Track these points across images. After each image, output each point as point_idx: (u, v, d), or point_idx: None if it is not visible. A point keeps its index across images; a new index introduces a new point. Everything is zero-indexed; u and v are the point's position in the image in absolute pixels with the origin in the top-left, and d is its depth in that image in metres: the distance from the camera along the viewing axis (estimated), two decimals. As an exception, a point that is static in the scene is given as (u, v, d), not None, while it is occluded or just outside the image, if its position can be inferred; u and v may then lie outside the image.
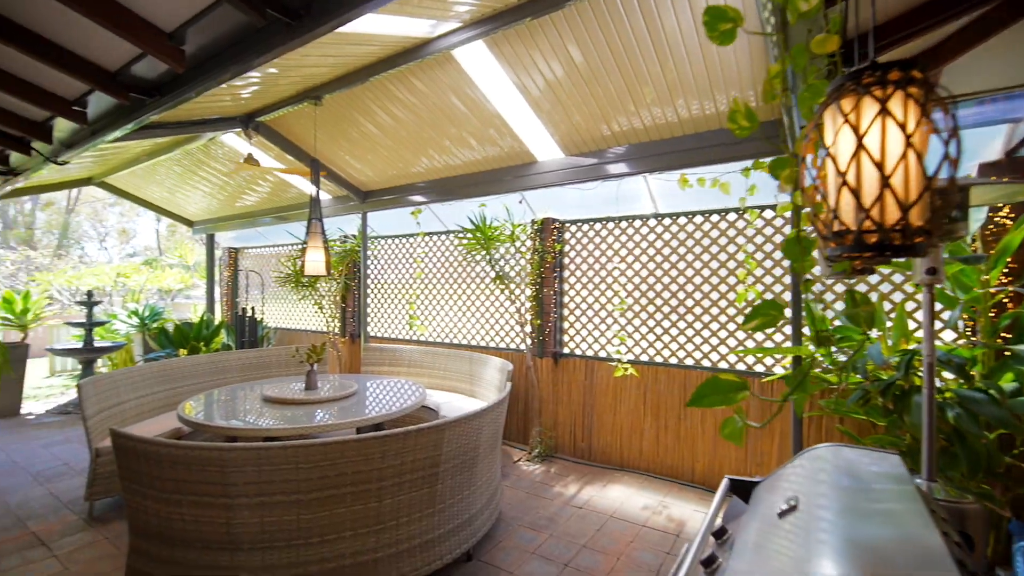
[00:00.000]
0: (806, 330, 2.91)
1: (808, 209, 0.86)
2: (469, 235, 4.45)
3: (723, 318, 3.60)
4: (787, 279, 3.35)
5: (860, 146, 0.68)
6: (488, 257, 4.41)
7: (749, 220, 3.43)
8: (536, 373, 4.37)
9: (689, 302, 3.74)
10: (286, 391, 3.36)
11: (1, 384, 5.26)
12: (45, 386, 7.24)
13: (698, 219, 3.71)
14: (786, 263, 3.34)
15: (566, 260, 4.35)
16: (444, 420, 2.30)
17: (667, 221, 3.85)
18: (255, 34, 1.69)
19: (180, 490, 1.98)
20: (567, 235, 4.34)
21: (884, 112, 0.66)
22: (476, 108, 3.58)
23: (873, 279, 3.10)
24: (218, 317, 7.59)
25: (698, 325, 3.70)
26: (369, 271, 5.86)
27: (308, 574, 2.05)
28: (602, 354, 4.14)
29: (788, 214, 3.14)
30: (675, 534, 2.91)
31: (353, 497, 2.10)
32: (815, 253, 1.69)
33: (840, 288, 3.15)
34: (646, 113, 3.22)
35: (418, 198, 4.85)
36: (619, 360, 3.88)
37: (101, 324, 6.04)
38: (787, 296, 3.35)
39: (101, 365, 6.81)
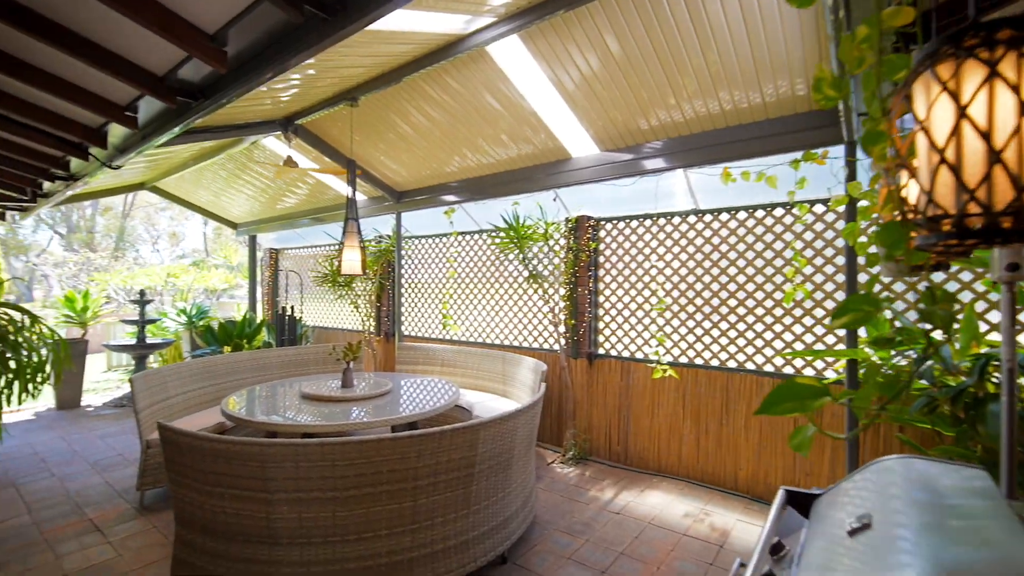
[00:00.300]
0: (862, 331, 2.73)
1: (896, 189, 0.77)
2: (502, 234, 4.42)
3: (769, 319, 3.43)
4: (840, 277, 3.15)
5: (963, 116, 0.59)
6: (521, 256, 4.37)
7: (798, 215, 3.26)
8: (570, 374, 4.29)
9: (732, 302, 3.58)
10: (324, 388, 3.41)
11: (63, 378, 5.58)
12: (103, 380, 7.66)
13: (741, 215, 3.55)
14: (839, 260, 3.14)
15: (601, 259, 4.25)
16: (479, 420, 2.27)
17: (708, 217, 3.70)
18: (293, 32, 1.71)
19: (222, 483, 2.02)
20: (602, 233, 4.24)
21: (993, 77, 0.57)
22: (510, 105, 3.54)
23: (935, 277, 2.88)
24: (259, 316, 7.84)
25: (741, 326, 3.54)
26: (403, 271, 5.92)
27: (345, 571, 2.06)
28: (639, 355, 4.02)
29: (842, 208, 2.95)
30: (718, 544, 2.78)
31: (388, 496, 2.09)
32: (880, 248, 1.56)
33: (899, 287, 2.94)
34: (687, 105, 3.10)
35: (451, 197, 4.85)
36: (657, 361, 3.76)
37: (152, 322, 6.34)
38: (840, 295, 3.16)
39: (152, 361, 7.15)
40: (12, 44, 2.00)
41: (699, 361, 3.73)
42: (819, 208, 3.23)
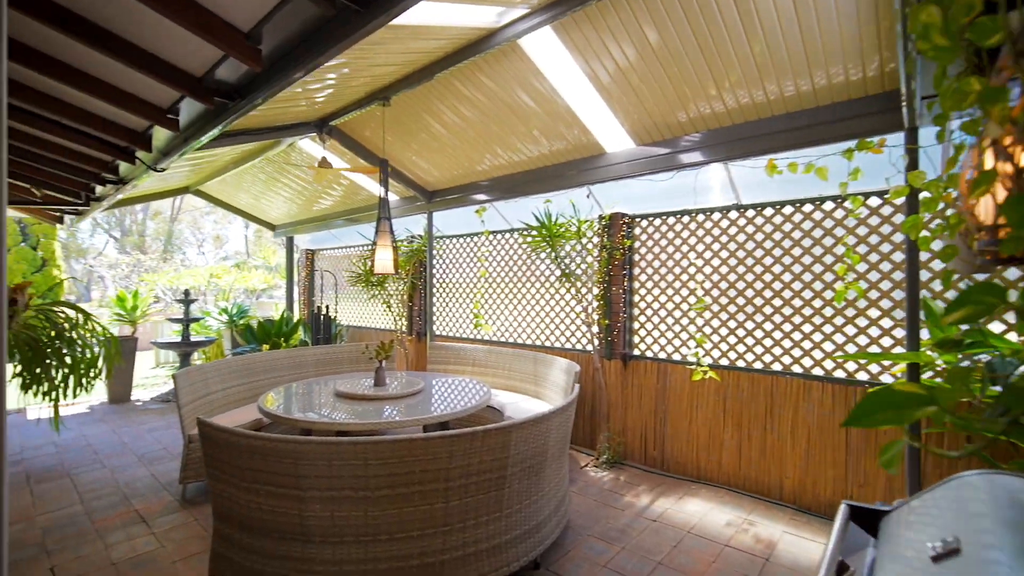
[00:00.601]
0: (924, 333, 2.52)
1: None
2: (534, 232, 4.35)
3: (817, 319, 3.24)
4: (897, 275, 2.94)
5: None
6: (553, 255, 4.29)
7: (851, 209, 3.05)
8: (604, 375, 4.18)
9: (777, 301, 3.40)
10: (357, 387, 3.42)
11: (115, 373, 5.86)
12: (151, 376, 8.01)
13: (787, 209, 3.37)
14: (897, 256, 2.93)
15: (636, 257, 4.13)
16: (512, 422, 2.21)
17: (750, 213, 3.53)
18: (326, 25, 1.70)
19: (258, 480, 2.03)
20: (637, 230, 4.12)
21: None
22: (544, 100, 3.47)
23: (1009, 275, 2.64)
24: (296, 315, 8.04)
25: (787, 327, 3.35)
26: (435, 270, 5.93)
27: (377, 571, 2.03)
28: (676, 357, 3.88)
29: (901, 200, 2.74)
30: (763, 557, 2.63)
31: (420, 497, 2.05)
32: (958, 240, 1.41)
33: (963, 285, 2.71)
34: (729, 95, 2.95)
35: (482, 196, 4.82)
36: (697, 363, 3.60)
37: (196, 320, 6.58)
38: (897, 294, 2.95)
39: (196, 358, 7.43)
40: (64, 51, 2.08)
41: (741, 364, 3.56)
42: (874, 201, 3.02)
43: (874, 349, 3.04)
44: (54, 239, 9.97)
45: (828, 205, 3.20)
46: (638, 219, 4.11)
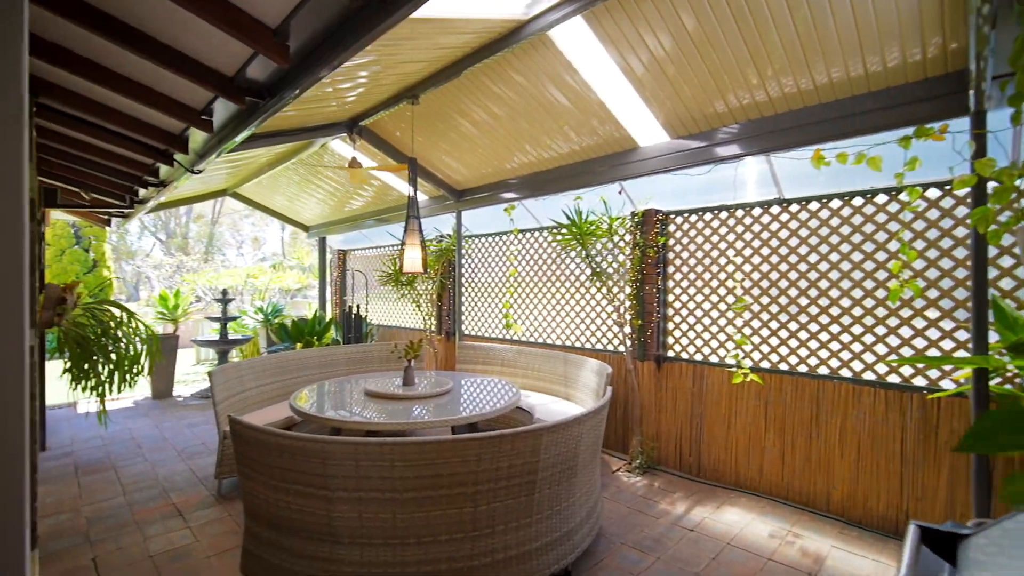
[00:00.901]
0: (992, 336, 2.31)
1: None
2: (564, 230, 4.26)
3: (869, 320, 3.03)
4: (959, 272, 2.71)
5: None
6: (584, 253, 4.19)
7: (907, 201, 2.84)
8: (636, 377, 4.05)
9: (823, 301, 3.20)
10: (386, 386, 3.42)
11: (157, 370, 6.09)
12: (192, 372, 8.31)
13: (835, 203, 3.17)
14: (960, 252, 2.71)
15: (670, 255, 3.98)
16: (542, 425, 2.13)
17: (794, 207, 3.34)
18: (353, 17, 1.66)
19: (286, 479, 2.02)
20: (671, 227, 3.97)
21: None
22: (575, 96, 3.38)
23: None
24: (328, 314, 8.18)
25: (835, 328, 3.15)
26: (463, 269, 5.91)
27: (405, 575, 2.00)
28: (713, 359, 3.71)
29: (965, 191, 2.53)
30: (811, 573, 2.46)
31: (448, 500, 2.00)
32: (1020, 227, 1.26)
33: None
34: (772, 83, 2.79)
35: (510, 195, 4.76)
36: (737, 365, 3.43)
37: (233, 319, 6.77)
38: (960, 293, 2.72)
39: (234, 355, 7.65)
40: (100, 54, 2.13)
41: (784, 367, 3.37)
42: (933, 192, 2.80)
43: (933, 352, 2.82)
44: (104, 241, 10.48)
45: (881, 198, 2.99)
46: (672, 215, 3.96)
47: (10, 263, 0.84)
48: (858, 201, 3.07)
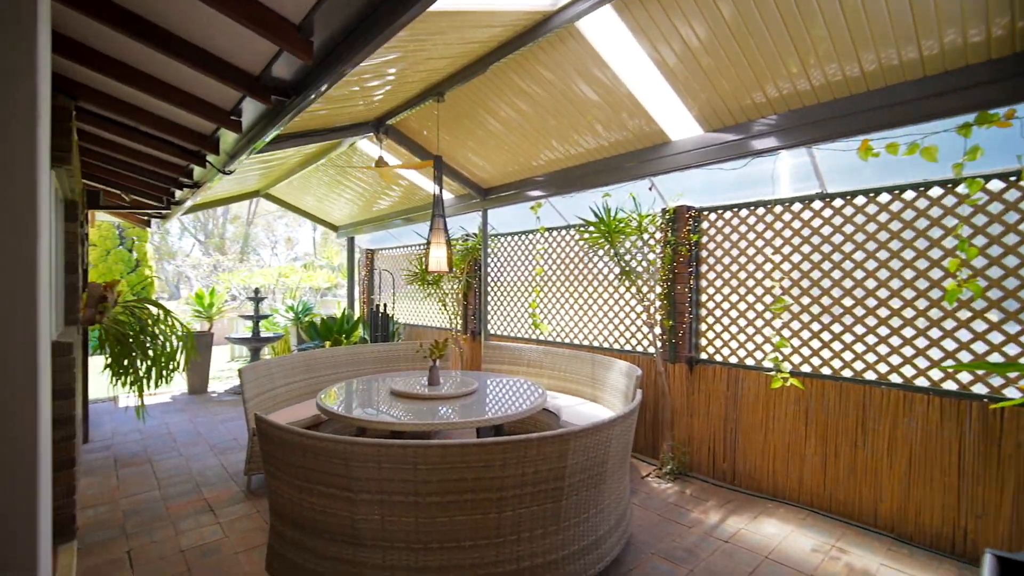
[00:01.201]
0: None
1: None
2: (591, 228, 4.16)
3: (921, 322, 2.82)
4: (1026, 271, 2.50)
5: None
6: (612, 252, 4.07)
7: (965, 194, 2.63)
8: (667, 380, 3.91)
9: (871, 301, 3.01)
10: (411, 386, 3.40)
11: (193, 366, 6.28)
12: (227, 369, 8.55)
13: (883, 197, 2.97)
14: (1027, 249, 2.49)
15: (703, 253, 3.83)
16: (569, 429, 2.05)
17: (838, 202, 3.15)
18: (375, 10, 1.63)
19: (310, 479, 2.01)
20: (704, 224, 3.82)
21: None
22: (605, 90, 3.28)
23: None
24: (357, 313, 8.28)
25: (883, 330, 2.96)
26: (489, 269, 5.87)
27: (427, 580, 1.95)
28: (749, 362, 3.55)
29: (1035, 182, 2.32)
30: (858, 593, 2.30)
31: (472, 505, 1.95)
32: None
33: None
34: (815, 71, 2.63)
35: (537, 192, 4.68)
36: (776, 369, 3.26)
37: (265, 317, 6.92)
38: (1027, 294, 2.50)
39: (266, 353, 7.82)
40: (133, 56, 2.16)
41: (826, 371, 3.19)
42: (996, 184, 2.58)
43: (995, 358, 2.60)
44: (146, 241, 10.91)
45: (935, 191, 2.78)
46: (706, 212, 3.81)
47: (25, 263, 0.82)
48: (910, 195, 2.87)
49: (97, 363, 5.23)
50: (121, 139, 3.24)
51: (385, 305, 6.88)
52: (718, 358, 3.73)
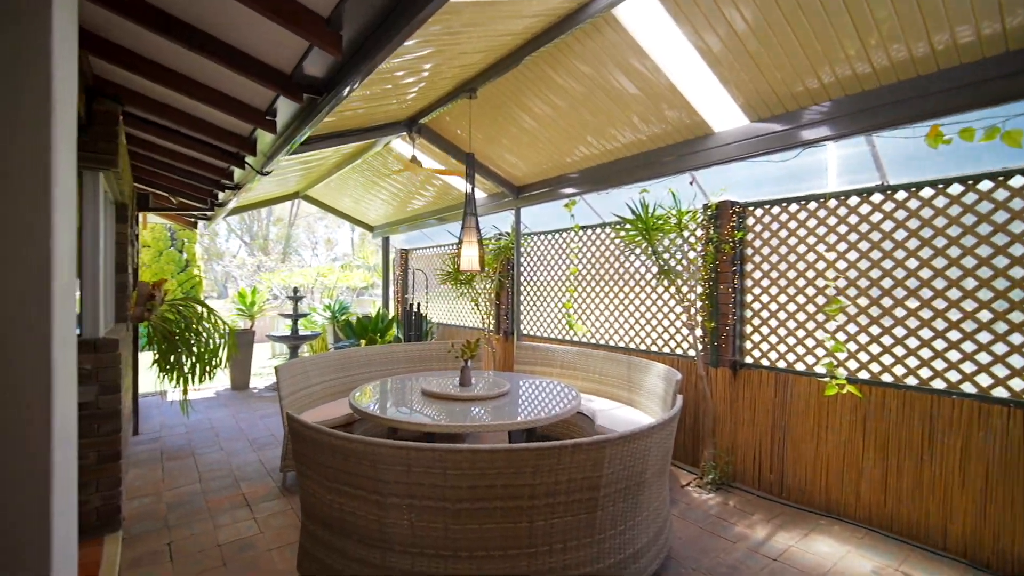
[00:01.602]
0: None
1: None
2: (628, 226, 4.01)
3: (1000, 325, 2.55)
4: None
5: None
6: (650, 250, 3.91)
7: (1054, 183, 2.36)
8: (709, 384, 3.72)
9: (940, 303, 2.75)
10: (442, 386, 3.35)
11: (236, 362, 6.49)
12: (268, 366, 8.82)
13: (955, 188, 2.70)
14: None
15: (748, 251, 3.61)
16: (605, 437, 1.94)
17: (901, 195, 2.89)
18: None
19: (339, 479, 1.98)
20: (750, 220, 3.60)
21: None
22: (643, 80, 3.14)
23: None
24: (391, 312, 8.37)
25: (955, 335, 2.69)
26: (522, 268, 5.78)
27: (456, 589, 1.89)
28: (799, 366, 3.32)
29: None
30: (927, 624, 2.08)
31: (502, 513, 1.87)
32: None
33: None
34: (877, 51, 2.41)
35: (571, 189, 4.57)
36: (831, 375, 3.03)
37: (303, 316, 7.08)
38: None
39: (304, 351, 8.01)
40: (172, 60, 2.19)
41: (887, 378, 2.93)
42: (1091, 172, 2.30)
43: (1090, 367, 2.31)
44: (195, 243, 11.41)
45: (1017, 180, 2.50)
46: (751, 207, 3.60)
47: (37, 260, 0.80)
48: (986, 185, 2.60)
49: (147, 359, 5.46)
50: (166, 142, 3.34)
51: (419, 304, 6.91)
52: (764, 362, 3.52)
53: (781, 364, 3.42)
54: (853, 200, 3.09)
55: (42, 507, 0.80)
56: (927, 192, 2.80)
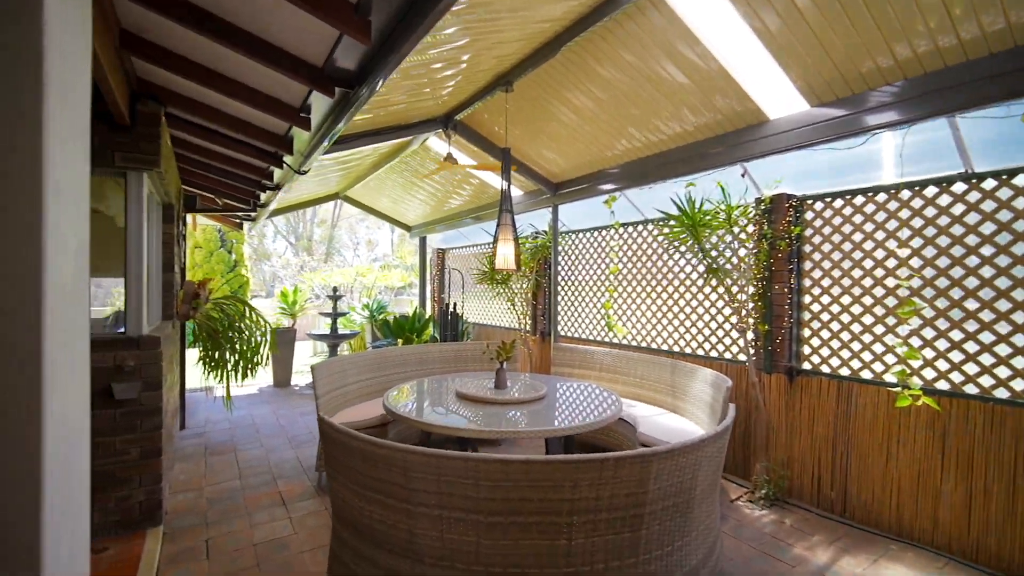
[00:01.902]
0: None
1: None
2: (673, 222, 3.79)
3: (1115, 332, 2.21)
4: None
5: None
6: (697, 247, 3.68)
7: None
8: (762, 392, 3.46)
9: (1037, 305, 2.41)
10: (477, 388, 3.26)
11: (277, 361, 6.65)
12: (309, 363, 9.03)
13: (1057, 175, 2.37)
14: None
15: (807, 248, 3.33)
16: (653, 450, 1.78)
17: (990, 183, 2.57)
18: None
19: (369, 486, 1.91)
20: (808, 215, 3.32)
21: None
22: (692, 68, 2.94)
23: None
24: (428, 312, 8.39)
25: (1056, 342, 2.36)
26: (560, 267, 5.63)
27: (489, 607, 1.77)
28: (866, 374, 3.02)
29: None
30: (1030, 677, 1.80)
31: (539, 529, 1.74)
32: None
33: None
34: (965, 23, 2.13)
35: (611, 185, 4.38)
36: (904, 385, 2.73)
37: (342, 315, 7.18)
38: None
39: (343, 349, 8.13)
40: (207, 57, 2.18)
41: (972, 389, 2.61)
42: None
43: None
44: (243, 244, 11.86)
45: None
46: (809, 201, 3.32)
47: (25, 259, 0.73)
48: (1098, 170, 2.26)
49: (194, 355, 5.65)
50: (208, 143, 3.40)
51: (455, 304, 6.87)
52: (825, 369, 3.23)
53: (844, 371, 3.13)
54: (931, 191, 2.78)
55: (32, 507, 0.74)
56: (1021, 180, 2.47)
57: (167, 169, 3.17)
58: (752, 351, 3.52)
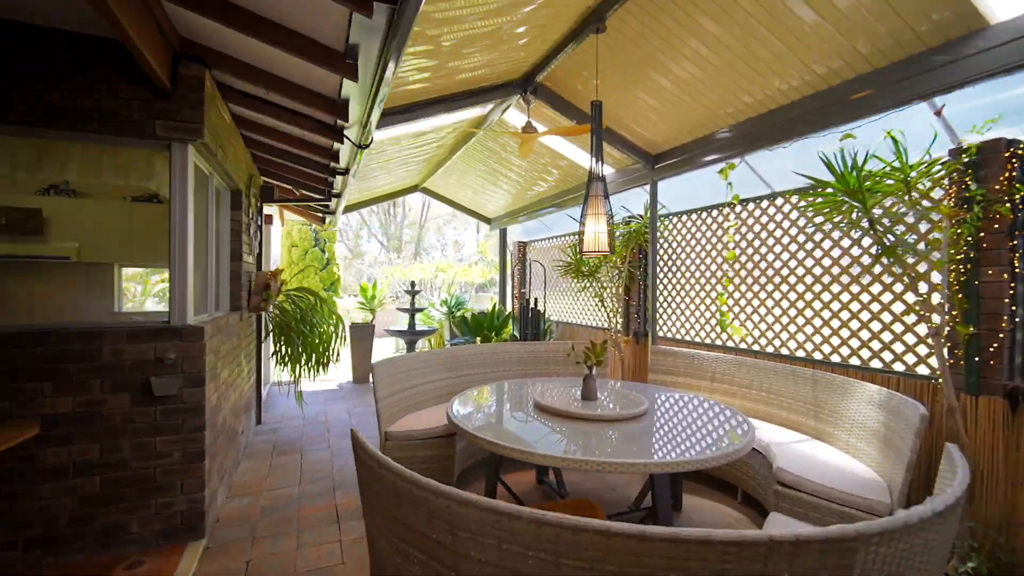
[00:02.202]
0: None
1: None
2: (819, 190, 2.86)
3: None
4: None
5: None
6: (862, 221, 2.73)
7: None
8: (964, 421, 2.45)
9: None
10: (560, 399, 2.63)
11: (356, 356, 6.52)
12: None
13: None
14: None
15: (1040, 215, 2.28)
16: (857, 529, 1.03)
17: None
18: None
19: (404, 537, 1.36)
20: (1044, 167, 2.27)
21: None
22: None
23: None
24: (508, 308, 7.90)
25: None
26: (659, 256, 4.81)
27: None
28: None
29: None
30: None
31: (658, 646, 1.07)
32: None
33: None
34: None
35: (719, 155, 3.54)
36: None
37: (420, 311, 6.91)
38: None
39: (422, 346, 7.91)
40: (239, 50, 1.79)
41: None
42: None
43: None
44: (334, 242, 12.27)
45: None
46: (1048, 146, 2.27)
47: None
48: None
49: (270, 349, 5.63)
50: (265, 117, 3.11)
51: (536, 300, 6.29)
52: (1078, 393, 2.17)
53: (1119, 398, 2.06)
54: None
55: None
56: None
57: (224, 146, 2.92)
58: (948, 361, 2.51)
